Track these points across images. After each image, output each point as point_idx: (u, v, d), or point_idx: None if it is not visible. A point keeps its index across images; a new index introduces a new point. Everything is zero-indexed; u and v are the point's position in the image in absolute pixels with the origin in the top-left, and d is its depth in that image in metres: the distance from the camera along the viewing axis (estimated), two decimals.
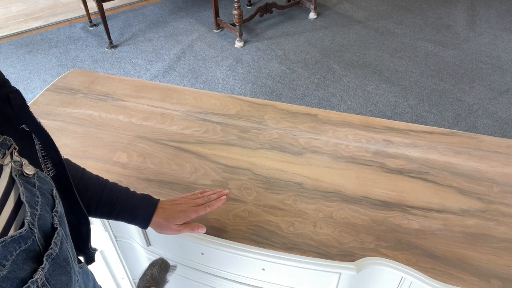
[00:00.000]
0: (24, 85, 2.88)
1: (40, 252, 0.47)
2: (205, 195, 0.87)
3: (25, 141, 0.53)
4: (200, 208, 0.83)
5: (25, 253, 0.44)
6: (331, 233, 0.88)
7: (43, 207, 0.50)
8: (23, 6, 3.89)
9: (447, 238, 0.87)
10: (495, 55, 3.12)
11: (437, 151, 1.08)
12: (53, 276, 0.48)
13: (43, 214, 0.49)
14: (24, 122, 0.52)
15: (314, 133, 1.14)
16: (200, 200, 0.85)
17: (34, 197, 0.49)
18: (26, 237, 0.45)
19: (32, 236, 0.46)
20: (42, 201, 0.50)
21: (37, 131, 0.54)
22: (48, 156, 0.57)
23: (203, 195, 0.87)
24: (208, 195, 0.87)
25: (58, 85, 1.34)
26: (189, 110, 1.22)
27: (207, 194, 0.87)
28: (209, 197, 0.86)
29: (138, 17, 3.73)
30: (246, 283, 0.95)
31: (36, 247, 0.46)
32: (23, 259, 0.44)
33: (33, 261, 0.46)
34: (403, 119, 2.53)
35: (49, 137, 0.56)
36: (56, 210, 0.52)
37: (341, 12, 3.74)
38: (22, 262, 0.44)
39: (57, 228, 0.50)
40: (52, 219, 0.51)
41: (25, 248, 0.44)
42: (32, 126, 0.53)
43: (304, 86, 2.82)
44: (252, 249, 0.85)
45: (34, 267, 0.46)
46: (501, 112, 2.58)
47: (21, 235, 0.44)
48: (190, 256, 0.96)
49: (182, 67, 3.04)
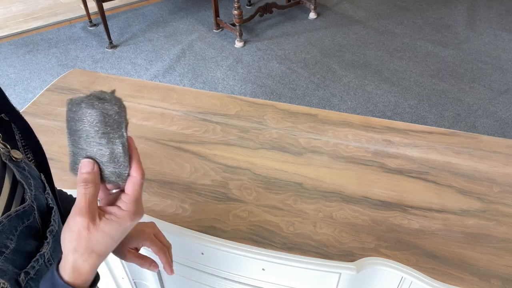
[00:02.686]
0: (24, 85, 2.88)
1: (39, 229, 0.49)
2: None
3: (5, 130, 0.53)
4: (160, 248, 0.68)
5: (27, 230, 0.46)
6: (331, 233, 0.88)
7: (37, 188, 0.51)
8: (23, 6, 3.89)
9: (447, 238, 0.87)
10: (495, 55, 3.12)
11: (437, 151, 1.08)
12: (55, 253, 0.50)
13: (37, 195, 0.50)
14: (3, 111, 0.52)
15: (314, 133, 1.14)
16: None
17: (27, 179, 0.50)
18: (28, 212, 0.46)
19: (33, 213, 0.47)
20: (34, 183, 0.51)
21: (16, 121, 0.54)
22: (27, 145, 0.56)
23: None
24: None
25: (58, 85, 1.34)
26: (189, 110, 1.22)
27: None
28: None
29: (138, 17, 3.73)
30: (246, 283, 0.95)
31: (36, 224, 0.48)
32: (26, 235, 0.46)
33: (35, 238, 0.48)
34: (403, 119, 2.53)
35: (28, 127, 0.55)
36: (48, 192, 0.53)
37: (341, 12, 3.74)
38: (26, 238, 0.46)
39: (53, 207, 0.52)
40: (46, 200, 0.52)
41: (27, 225, 0.46)
42: (11, 115, 0.53)
43: (304, 86, 2.82)
44: (252, 249, 0.85)
45: (36, 243, 0.48)
46: (501, 112, 2.58)
47: (25, 209, 0.46)
48: (190, 256, 0.96)
49: (182, 67, 3.04)
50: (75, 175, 0.47)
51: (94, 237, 0.44)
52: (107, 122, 0.44)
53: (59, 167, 1.04)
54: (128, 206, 0.46)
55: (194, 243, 0.89)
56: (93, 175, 0.45)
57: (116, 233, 0.45)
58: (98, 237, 0.44)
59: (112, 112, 0.44)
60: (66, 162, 1.05)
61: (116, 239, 0.46)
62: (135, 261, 0.61)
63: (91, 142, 0.45)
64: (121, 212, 0.46)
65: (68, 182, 1.00)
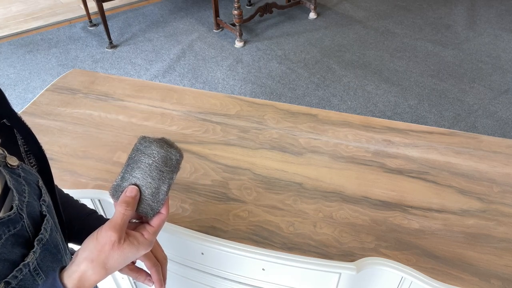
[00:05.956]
0: (24, 85, 2.88)
1: (29, 238, 0.47)
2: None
3: (7, 136, 0.53)
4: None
5: (14, 237, 0.45)
6: (331, 233, 0.88)
7: (31, 195, 0.50)
8: (23, 6, 3.89)
9: (447, 238, 0.87)
10: (495, 55, 3.12)
11: (437, 151, 1.08)
12: (44, 262, 0.49)
13: (31, 202, 0.49)
14: (5, 117, 0.52)
15: (314, 133, 1.14)
16: None
17: (20, 185, 0.49)
18: (14, 220, 0.45)
19: (21, 221, 0.46)
20: (29, 190, 0.50)
21: (18, 126, 0.54)
22: (30, 151, 0.56)
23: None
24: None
25: (58, 85, 1.34)
26: (189, 110, 1.22)
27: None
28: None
29: (138, 17, 3.73)
30: (246, 283, 0.95)
31: (25, 232, 0.47)
32: (12, 243, 0.44)
33: (23, 247, 0.46)
34: (403, 119, 2.53)
35: (30, 132, 0.55)
36: (44, 199, 0.52)
37: (341, 12, 3.74)
38: (12, 246, 0.44)
39: (46, 216, 0.51)
40: (40, 207, 0.51)
41: (14, 233, 0.45)
42: (13, 121, 0.53)
43: (304, 86, 2.82)
44: (252, 249, 0.85)
45: (24, 252, 0.46)
46: (501, 112, 2.58)
47: (10, 218, 0.44)
48: (190, 256, 0.96)
49: (182, 67, 3.04)
50: (112, 196, 0.53)
51: (114, 255, 0.49)
52: (167, 163, 0.52)
53: (59, 167, 1.04)
54: (150, 236, 0.52)
55: (194, 243, 0.89)
56: (134, 200, 0.51)
57: (131, 256, 0.51)
58: (117, 255, 0.49)
59: (174, 158, 0.53)
60: (66, 162, 1.05)
61: (127, 261, 0.51)
62: (130, 274, 0.62)
63: (145, 173, 0.52)
64: (143, 239, 0.51)
65: (67, 182, 1.00)
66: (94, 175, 1.02)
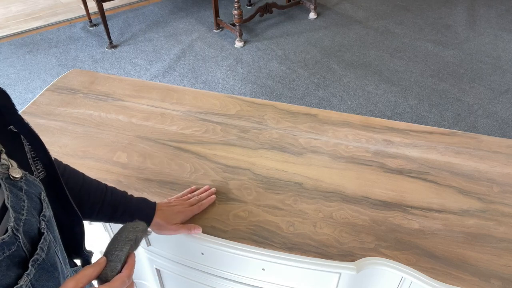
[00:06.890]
0: (24, 85, 2.88)
1: (26, 257, 0.46)
2: (196, 195, 0.92)
3: (13, 142, 0.52)
4: (195, 207, 0.89)
5: (9, 259, 0.43)
6: (331, 233, 0.88)
7: (30, 211, 0.48)
8: (23, 6, 3.89)
9: (447, 238, 0.87)
10: (495, 55, 3.12)
11: (437, 151, 1.08)
12: (39, 282, 0.47)
13: (29, 219, 0.48)
14: (12, 123, 0.51)
15: (314, 133, 1.14)
16: (193, 200, 0.90)
17: (20, 202, 0.48)
18: (9, 243, 0.44)
19: (17, 242, 0.45)
20: (28, 205, 0.49)
21: (25, 132, 0.53)
22: (37, 157, 0.55)
23: (193, 194, 0.93)
24: (199, 194, 0.92)
25: (58, 85, 1.34)
26: (189, 110, 1.22)
27: (197, 193, 0.93)
28: (200, 197, 0.92)
29: (138, 17, 3.73)
30: (246, 283, 0.95)
31: (21, 252, 0.45)
32: (7, 265, 0.43)
33: (18, 267, 0.45)
34: (403, 119, 2.53)
35: (38, 138, 0.55)
36: (44, 214, 0.51)
37: (341, 12, 3.74)
38: (6, 269, 0.43)
39: (44, 233, 0.49)
40: (39, 224, 0.50)
41: (9, 254, 0.44)
42: (20, 127, 0.52)
43: (304, 86, 2.82)
44: (252, 249, 0.85)
45: (20, 273, 0.45)
46: (501, 112, 2.58)
47: (4, 241, 0.43)
48: (190, 256, 0.96)
49: (182, 67, 3.04)
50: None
51: None
52: (136, 242, 0.63)
53: None
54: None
55: (194, 243, 0.89)
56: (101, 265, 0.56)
57: None
58: None
59: (141, 238, 0.65)
60: (66, 162, 1.05)
61: None
62: (183, 230, 0.78)
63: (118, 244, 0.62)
64: None
65: None
66: (94, 175, 1.01)
